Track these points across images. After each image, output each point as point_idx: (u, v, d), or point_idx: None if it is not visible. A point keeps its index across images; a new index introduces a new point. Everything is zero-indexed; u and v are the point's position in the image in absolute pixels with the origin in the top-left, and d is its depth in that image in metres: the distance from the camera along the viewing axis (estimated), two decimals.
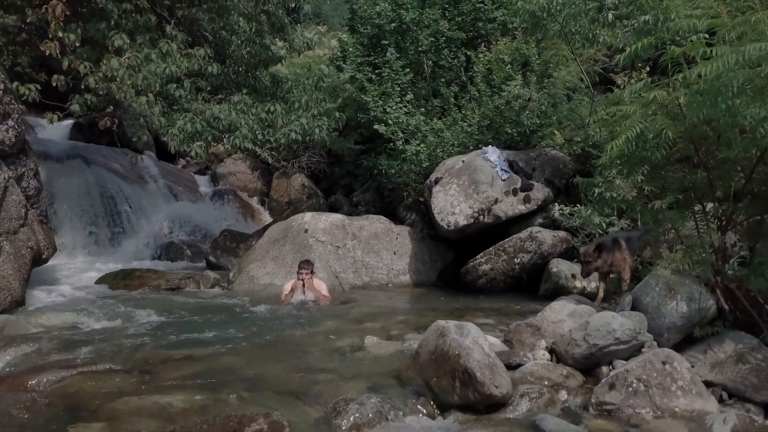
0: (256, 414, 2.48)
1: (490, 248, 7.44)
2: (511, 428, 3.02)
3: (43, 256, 7.26)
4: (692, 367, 3.59)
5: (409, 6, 10.22)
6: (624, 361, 3.54)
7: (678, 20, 4.16)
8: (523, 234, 7.32)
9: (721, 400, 3.49)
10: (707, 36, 4.04)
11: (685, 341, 3.91)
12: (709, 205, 4.24)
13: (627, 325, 3.57)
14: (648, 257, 4.93)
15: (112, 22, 8.10)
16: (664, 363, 3.30)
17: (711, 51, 3.33)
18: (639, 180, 4.38)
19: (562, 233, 7.32)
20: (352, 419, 3.02)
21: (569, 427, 2.95)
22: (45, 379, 3.49)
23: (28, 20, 8.29)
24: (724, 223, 4.01)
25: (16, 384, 3.47)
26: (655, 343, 3.77)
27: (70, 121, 12.81)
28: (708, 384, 3.55)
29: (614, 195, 4.83)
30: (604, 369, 3.61)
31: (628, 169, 4.11)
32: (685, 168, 4.09)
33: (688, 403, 3.20)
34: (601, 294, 5.24)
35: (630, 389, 3.22)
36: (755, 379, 3.45)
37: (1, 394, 3.31)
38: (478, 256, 7.49)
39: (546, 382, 3.51)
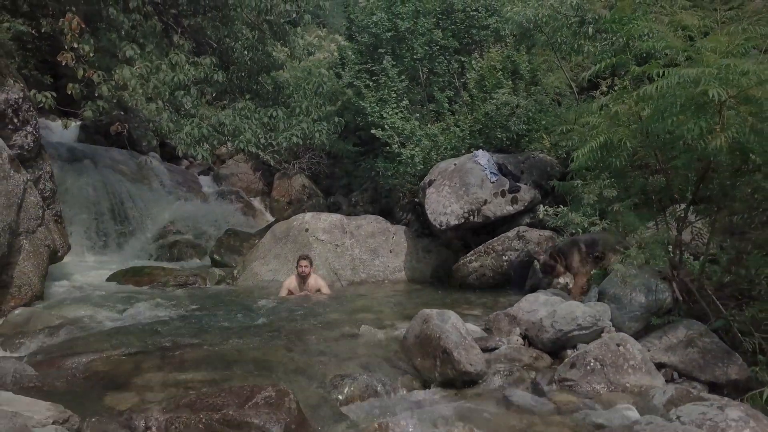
0: (265, 384, 2.95)
1: (480, 246, 7.84)
2: (483, 400, 3.50)
3: (59, 254, 7.66)
4: (648, 350, 4.07)
5: (404, 16, 10.56)
6: (586, 345, 4.01)
7: (642, 42, 4.64)
8: (511, 233, 7.70)
9: (672, 379, 3.97)
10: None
11: (645, 329, 4.37)
12: (670, 207, 4.71)
13: (588, 313, 4.05)
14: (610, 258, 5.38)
15: (123, 33, 8.55)
16: (618, 345, 3.77)
17: (663, 72, 3.80)
18: (610, 184, 4.86)
19: (547, 232, 7.69)
20: (346, 392, 3.52)
21: (533, 399, 3.43)
22: (77, 361, 3.94)
23: (42, 30, 8.72)
24: (681, 223, 4.47)
25: (53, 364, 3.93)
26: (614, 329, 4.23)
27: (77, 124, 13.19)
28: (662, 365, 4.03)
29: (590, 196, 5.31)
30: (569, 351, 4.09)
31: (595, 175, 4.59)
32: (647, 173, 4.55)
33: (638, 380, 3.67)
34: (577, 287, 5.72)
35: (588, 367, 3.70)
36: (702, 360, 3.93)
37: (44, 371, 3.77)
38: (468, 254, 7.86)
39: (518, 363, 3.98)
